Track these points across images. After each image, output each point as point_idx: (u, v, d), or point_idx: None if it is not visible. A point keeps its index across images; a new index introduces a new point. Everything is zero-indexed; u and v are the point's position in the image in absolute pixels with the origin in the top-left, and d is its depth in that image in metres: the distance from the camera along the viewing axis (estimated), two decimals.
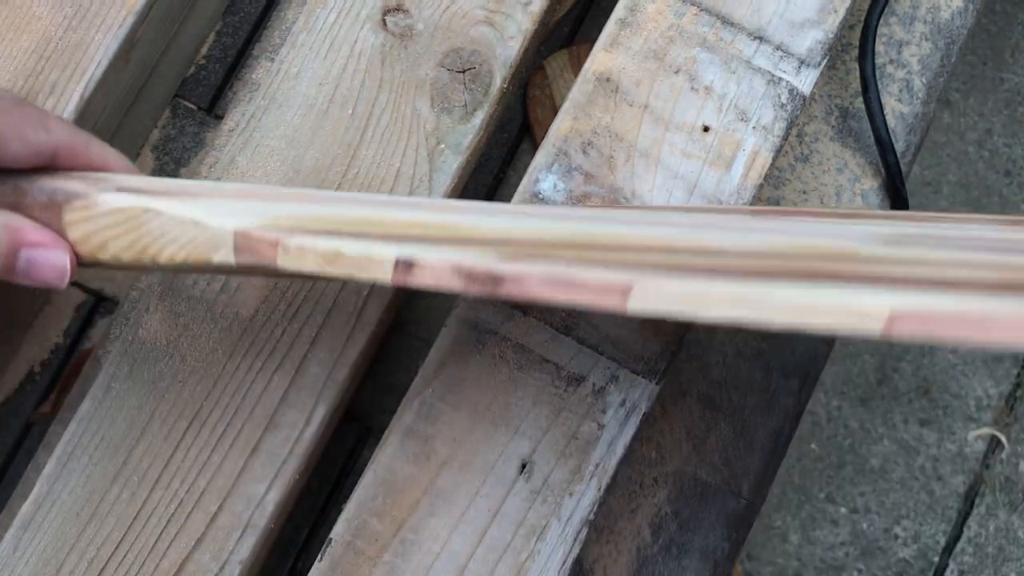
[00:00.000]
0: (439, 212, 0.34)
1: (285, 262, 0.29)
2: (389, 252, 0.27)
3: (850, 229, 0.37)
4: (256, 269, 0.31)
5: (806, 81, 0.44)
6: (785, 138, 0.43)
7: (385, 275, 0.27)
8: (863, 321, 0.21)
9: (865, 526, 1.34)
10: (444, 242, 0.29)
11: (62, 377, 0.50)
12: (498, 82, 0.44)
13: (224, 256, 0.30)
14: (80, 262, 0.33)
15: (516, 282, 0.26)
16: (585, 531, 0.41)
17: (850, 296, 0.22)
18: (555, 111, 0.52)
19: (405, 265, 0.27)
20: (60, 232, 0.32)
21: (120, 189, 0.32)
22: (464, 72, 0.44)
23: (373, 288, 0.42)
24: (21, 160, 0.32)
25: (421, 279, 0.27)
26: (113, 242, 0.32)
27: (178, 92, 0.53)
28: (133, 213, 0.31)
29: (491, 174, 0.53)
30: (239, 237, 0.30)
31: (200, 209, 0.31)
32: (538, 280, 0.25)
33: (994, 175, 1.43)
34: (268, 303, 0.42)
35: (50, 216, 0.32)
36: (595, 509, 0.41)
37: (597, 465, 0.41)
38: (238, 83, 0.52)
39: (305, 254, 0.29)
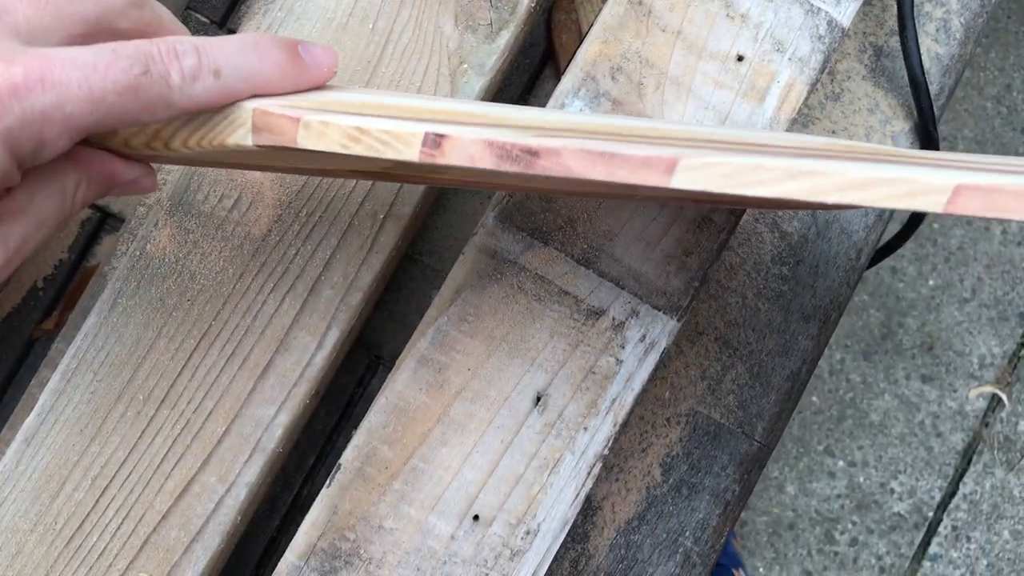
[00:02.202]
0: (466, 104, 0.32)
1: (305, 140, 0.27)
2: (418, 127, 0.26)
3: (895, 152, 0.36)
4: (274, 152, 0.29)
5: (846, 13, 0.42)
6: (822, 72, 0.42)
7: (412, 152, 0.25)
8: (927, 194, 0.20)
9: (862, 479, 1.34)
10: (475, 124, 0.28)
11: (66, 294, 0.49)
12: (526, 1, 0.42)
13: (241, 137, 0.29)
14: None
15: (553, 155, 0.24)
16: (599, 466, 0.40)
17: (913, 171, 0.21)
18: (580, 37, 0.50)
19: (434, 140, 0.25)
20: None
21: None
22: None
23: (390, 211, 0.41)
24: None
25: (451, 155, 0.25)
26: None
27: (189, 4, 0.51)
28: None
29: (511, 101, 0.51)
30: (258, 115, 0.28)
31: None
32: (576, 153, 0.23)
33: (1011, 132, 1.41)
34: (281, 223, 0.40)
35: None
36: (610, 444, 0.40)
37: (614, 400, 0.40)
38: None
39: (328, 130, 0.27)
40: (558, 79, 0.52)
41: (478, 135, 0.25)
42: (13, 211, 0.28)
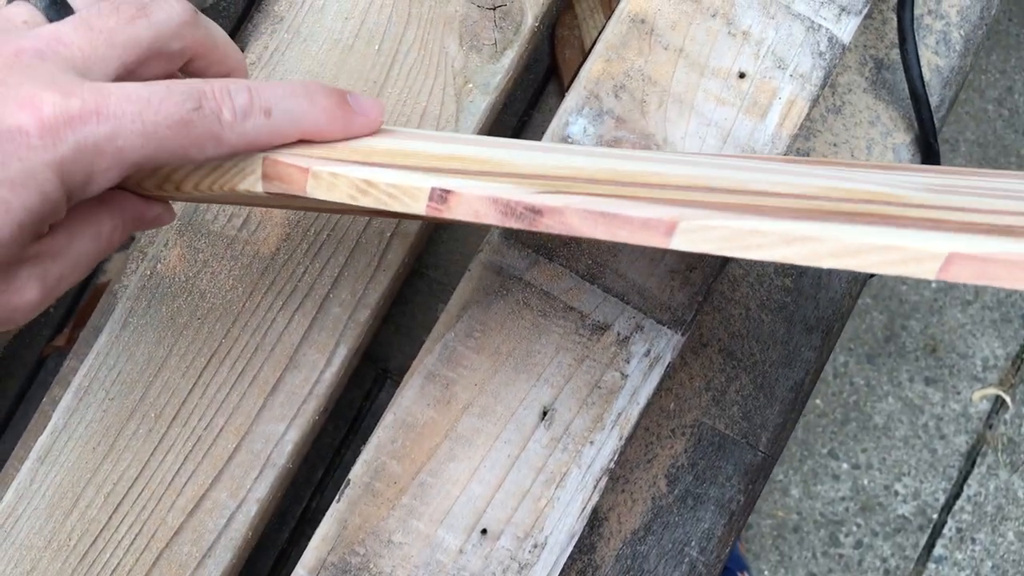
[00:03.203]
0: (475, 146, 0.33)
1: (315, 190, 0.28)
2: (425, 182, 0.26)
3: (895, 178, 0.36)
4: (283, 200, 0.30)
5: (846, 29, 0.43)
6: (823, 87, 0.42)
7: (420, 205, 0.26)
8: (919, 261, 0.21)
9: (866, 482, 1.34)
10: (480, 175, 0.28)
11: (77, 311, 0.50)
12: (530, 20, 0.43)
13: (251, 183, 0.29)
14: None
15: (556, 214, 0.24)
16: (605, 480, 0.40)
17: (906, 237, 0.21)
18: (583, 53, 0.51)
19: (441, 195, 0.26)
20: None
21: None
22: (495, 9, 0.42)
23: (396, 229, 0.41)
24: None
25: (457, 210, 0.26)
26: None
27: None
28: None
29: (516, 116, 0.52)
30: (268, 164, 0.29)
31: None
32: (578, 212, 0.24)
33: (1012, 134, 1.41)
34: (290, 241, 0.41)
35: None
36: (616, 458, 0.40)
37: (619, 414, 0.41)
38: (259, 15, 0.50)
39: (337, 181, 0.27)
40: (562, 94, 0.52)
41: (483, 191, 0.25)
42: (53, 252, 0.29)
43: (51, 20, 0.30)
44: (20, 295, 0.28)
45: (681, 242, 0.23)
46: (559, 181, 0.28)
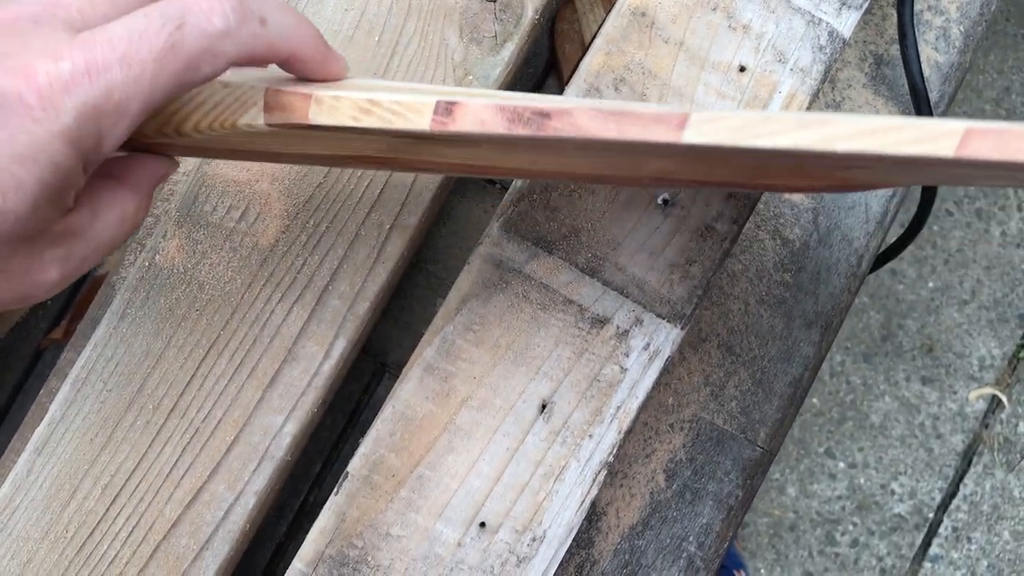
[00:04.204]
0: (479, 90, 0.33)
1: (317, 115, 0.27)
2: (429, 98, 0.26)
3: None
4: (285, 134, 0.29)
5: (847, 23, 0.43)
6: (823, 82, 0.42)
7: (424, 120, 0.25)
8: (936, 139, 0.20)
9: (862, 481, 1.35)
10: (484, 96, 0.28)
11: (74, 303, 0.50)
12: (530, 13, 0.42)
13: (253, 116, 0.29)
14: None
15: (564, 116, 0.24)
16: (604, 473, 0.40)
17: (922, 121, 0.21)
18: (583, 47, 0.50)
19: (446, 107, 0.25)
20: None
21: None
22: (495, 1, 0.42)
23: (396, 222, 0.41)
24: None
25: (462, 121, 0.25)
26: None
27: None
28: None
29: None
30: (270, 94, 0.28)
31: (229, 71, 0.29)
32: (588, 112, 0.23)
33: None
34: (289, 233, 0.41)
35: None
36: (614, 452, 0.40)
37: (618, 408, 0.40)
38: None
39: (339, 103, 0.27)
40: (561, 89, 0.52)
41: (489, 100, 0.25)
42: (76, 231, 0.28)
43: None
44: (41, 275, 0.28)
45: (693, 134, 0.23)
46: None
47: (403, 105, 0.26)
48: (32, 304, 0.29)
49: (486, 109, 0.25)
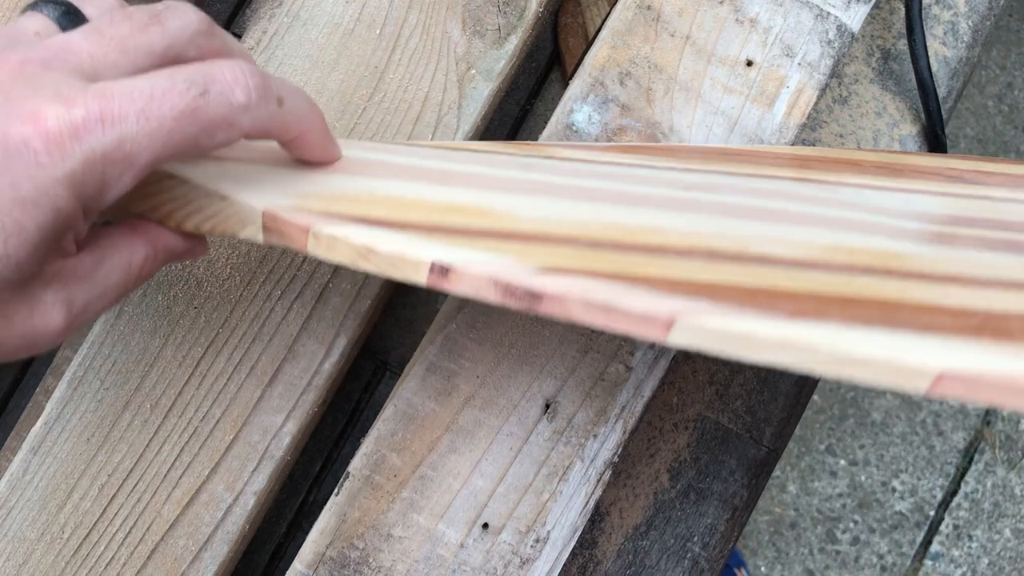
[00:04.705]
0: (473, 188, 0.32)
1: (315, 249, 0.28)
2: (424, 253, 0.26)
3: (895, 203, 0.35)
4: (286, 247, 0.30)
5: (855, 17, 0.42)
6: (831, 76, 0.41)
7: (420, 277, 0.26)
8: (910, 379, 0.22)
9: (863, 478, 1.34)
10: (481, 236, 0.28)
11: None
12: (534, 6, 0.42)
13: (252, 233, 0.29)
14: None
15: (556, 302, 0.25)
16: (608, 473, 0.40)
17: (898, 349, 0.22)
18: (587, 40, 0.50)
19: (441, 270, 0.26)
20: None
21: None
22: None
23: None
24: None
25: (457, 286, 0.26)
26: (138, 202, 0.30)
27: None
28: (156, 176, 0.29)
29: (518, 104, 0.51)
30: (267, 218, 0.28)
31: (226, 180, 0.29)
32: (579, 304, 0.25)
33: (1012, 130, 1.41)
34: None
35: None
36: (619, 452, 0.40)
37: (623, 407, 0.40)
38: None
39: (336, 244, 0.27)
40: (565, 82, 0.51)
41: (484, 269, 0.26)
42: (79, 275, 0.28)
43: (64, 30, 0.29)
44: (44, 319, 0.27)
45: (679, 338, 0.24)
46: (561, 246, 0.28)
47: (401, 259, 0.26)
48: (40, 352, 0.28)
49: (481, 280, 0.26)
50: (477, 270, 0.26)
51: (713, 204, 0.33)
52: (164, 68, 0.27)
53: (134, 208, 0.30)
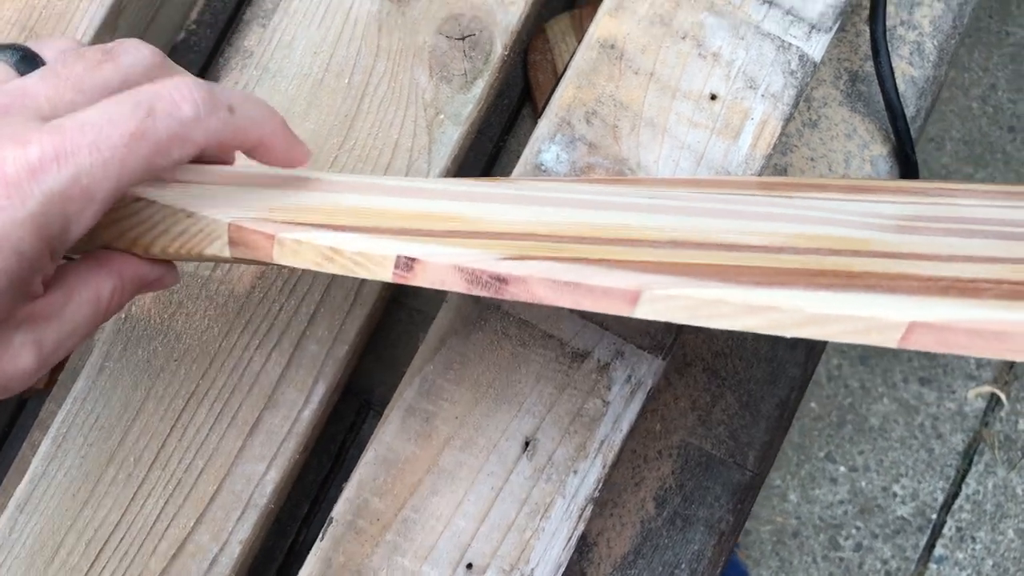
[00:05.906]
0: (443, 200, 0.33)
1: (281, 257, 0.28)
2: (389, 249, 0.26)
3: (859, 207, 0.36)
4: (253, 261, 0.30)
5: (817, 47, 0.42)
6: (795, 106, 0.42)
7: (385, 273, 0.27)
8: (881, 331, 0.21)
9: (864, 484, 1.34)
10: (448, 236, 0.28)
11: None
12: (499, 49, 0.42)
13: (219, 249, 0.29)
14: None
15: (520, 283, 0.25)
16: (590, 508, 0.40)
17: (868, 304, 0.22)
18: (556, 76, 0.50)
19: (406, 263, 0.26)
20: None
21: None
22: (463, 39, 0.42)
23: None
24: None
25: (422, 278, 0.26)
26: (104, 230, 0.30)
27: None
28: (121, 201, 0.30)
29: (491, 141, 0.51)
30: (233, 229, 0.29)
31: (191, 198, 0.30)
32: (543, 282, 0.25)
33: (998, 131, 1.42)
34: (264, 279, 0.41)
35: None
36: (600, 486, 0.40)
37: (602, 442, 0.40)
38: (230, 49, 0.50)
39: (301, 249, 0.27)
40: (536, 117, 0.52)
41: (448, 259, 0.26)
42: (48, 315, 0.28)
43: (22, 75, 0.29)
44: (14, 362, 0.27)
45: (646, 311, 0.24)
46: (525, 240, 0.28)
47: (364, 256, 0.27)
48: (13, 395, 0.28)
49: (445, 269, 0.26)
50: (442, 260, 0.26)
51: (678, 207, 0.34)
52: (112, 95, 0.27)
53: (100, 238, 0.30)
